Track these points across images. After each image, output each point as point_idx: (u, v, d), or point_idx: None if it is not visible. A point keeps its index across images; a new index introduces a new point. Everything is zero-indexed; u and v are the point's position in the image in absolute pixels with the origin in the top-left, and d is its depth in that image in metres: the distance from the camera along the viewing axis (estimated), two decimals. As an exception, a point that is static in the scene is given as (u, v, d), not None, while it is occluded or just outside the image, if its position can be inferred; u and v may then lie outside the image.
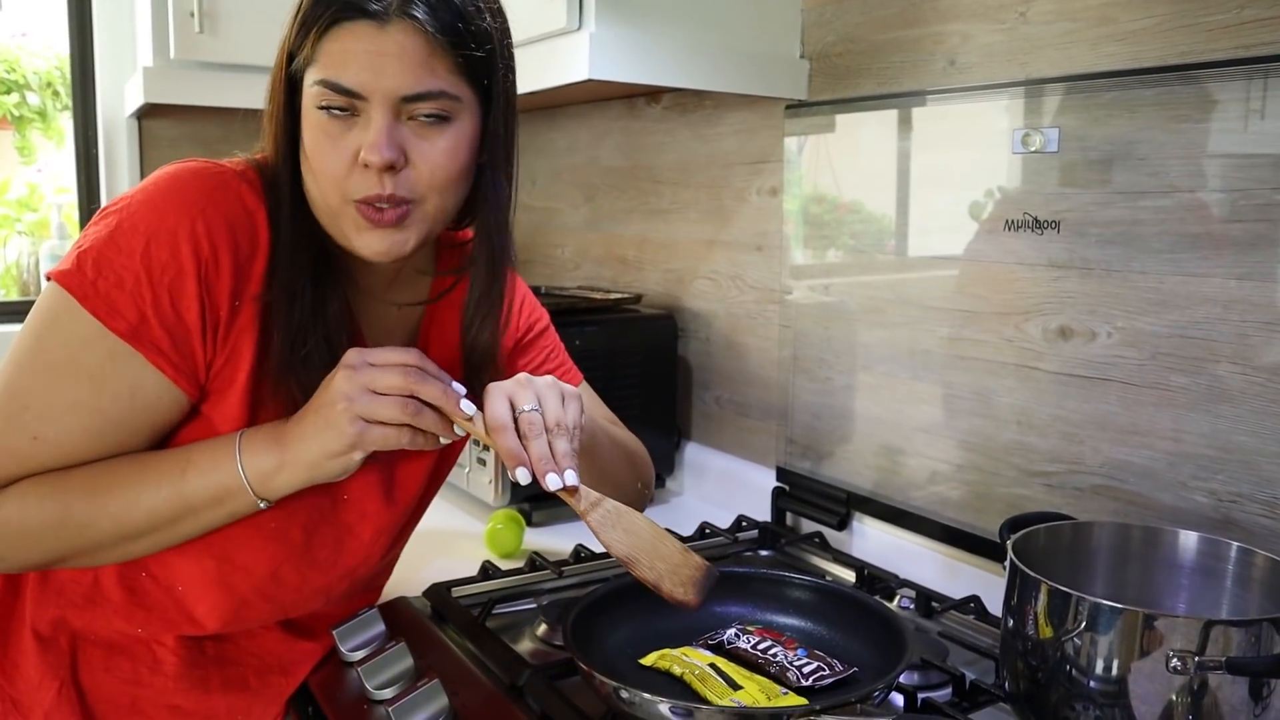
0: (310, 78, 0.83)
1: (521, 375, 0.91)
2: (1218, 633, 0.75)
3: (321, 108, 0.83)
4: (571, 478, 0.86)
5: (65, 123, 2.28)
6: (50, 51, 2.27)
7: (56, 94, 2.28)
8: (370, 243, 0.86)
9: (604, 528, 0.90)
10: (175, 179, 0.84)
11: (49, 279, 0.84)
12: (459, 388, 0.86)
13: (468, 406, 0.86)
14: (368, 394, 0.83)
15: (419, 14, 0.81)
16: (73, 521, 0.84)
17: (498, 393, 0.88)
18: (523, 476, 0.85)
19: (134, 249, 0.81)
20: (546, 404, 0.88)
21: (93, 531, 0.85)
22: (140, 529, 0.86)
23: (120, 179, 2.02)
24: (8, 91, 2.25)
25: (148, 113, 1.93)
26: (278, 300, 0.86)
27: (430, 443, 0.87)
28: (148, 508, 0.85)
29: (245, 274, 0.85)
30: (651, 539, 0.92)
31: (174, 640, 0.95)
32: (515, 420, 0.86)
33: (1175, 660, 0.75)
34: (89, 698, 0.95)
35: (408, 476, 1.03)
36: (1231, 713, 0.76)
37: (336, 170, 0.84)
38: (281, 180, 0.87)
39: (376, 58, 0.81)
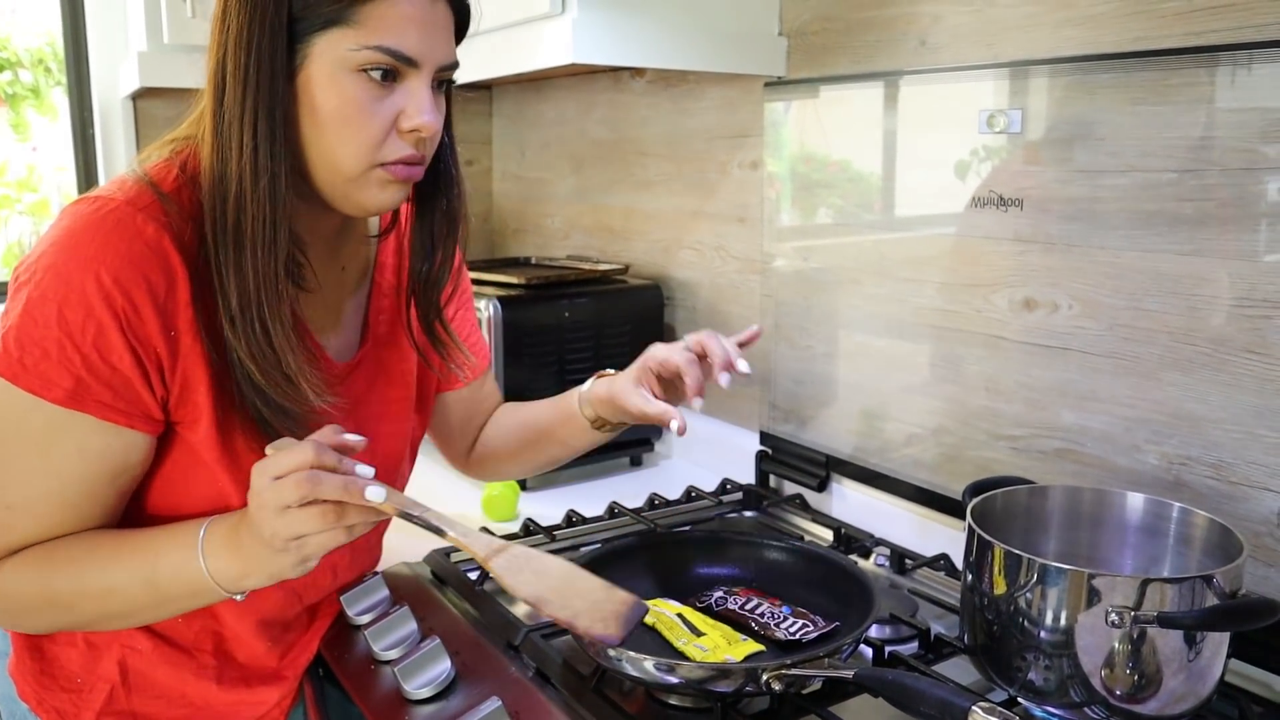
0: (348, 42, 0.81)
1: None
2: (1154, 590, 0.82)
3: (366, 72, 0.82)
4: None
5: (58, 98, 2.30)
6: (40, 28, 2.29)
7: (49, 70, 2.30)
8: (389, 198, 0.89)
9: (509, 572, 0.87)
10: (70, 235, 0.82)
11: None
12: (365, 470, 0.81)
13: (374, 493, 0.79)
14: (287, 515, 0.78)
15: None
16: (60, 600, 0.86)
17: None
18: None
19: (49, 319, 0.80)
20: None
21: (79, 613, 0.88)
22: (122, 612, 0.89)
23: (118, 158, 2.05)
24: (0, 69, 2.27)
25: (142, 94, 1.96)
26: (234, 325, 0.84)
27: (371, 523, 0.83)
28: (125, 596, 0.86)
29: (168, 308, 0.83)
30: (564, 578, 0.90)
31: (212, 645, 1.00)
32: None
33: (1114, 615, 0.81)
34: (135, 696, 0.99)
35: (388, 444, 1.08)
36: (1166, 661, 0.83)
37: (375, 136, 0.85)
38: (259, 162, 0.82)
39: (431, 28, 0.85)
